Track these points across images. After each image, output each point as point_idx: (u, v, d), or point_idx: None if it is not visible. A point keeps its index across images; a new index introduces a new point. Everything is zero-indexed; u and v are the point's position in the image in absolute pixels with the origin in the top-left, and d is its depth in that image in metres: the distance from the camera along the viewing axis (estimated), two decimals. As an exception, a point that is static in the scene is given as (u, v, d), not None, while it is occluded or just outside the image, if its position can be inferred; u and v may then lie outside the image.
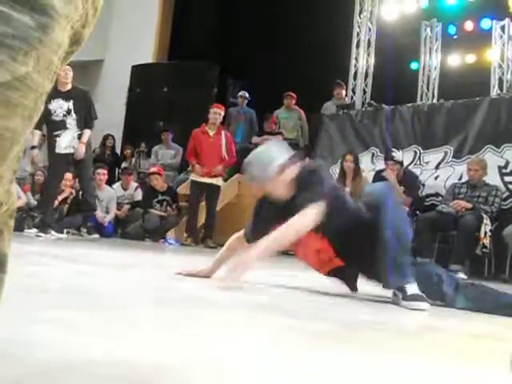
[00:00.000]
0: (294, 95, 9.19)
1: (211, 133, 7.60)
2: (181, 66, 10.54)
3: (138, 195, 8.48)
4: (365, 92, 8.77)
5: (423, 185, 6.93)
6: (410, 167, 7.02)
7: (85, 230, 7.23)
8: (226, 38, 11.05)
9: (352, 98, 8.81)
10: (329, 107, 8.90)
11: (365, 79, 8.81)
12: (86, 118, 6.58)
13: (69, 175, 7.32)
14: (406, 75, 9.48)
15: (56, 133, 6.38)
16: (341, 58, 9.00)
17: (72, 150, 6.41)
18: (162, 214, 7.98)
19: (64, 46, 0.60)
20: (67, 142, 6.41)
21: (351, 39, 8.89)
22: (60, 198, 7.31)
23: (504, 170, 6.47)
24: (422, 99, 8.79)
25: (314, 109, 9.18)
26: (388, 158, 6.74)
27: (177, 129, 8.07)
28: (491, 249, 5.84)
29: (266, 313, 2.07)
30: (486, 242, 5.77)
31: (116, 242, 7.05)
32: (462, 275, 5.59)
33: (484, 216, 5.84)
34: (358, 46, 8.85)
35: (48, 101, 6.52)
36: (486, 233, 5.79)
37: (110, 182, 8.40)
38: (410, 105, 7.75)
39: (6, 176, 0.57)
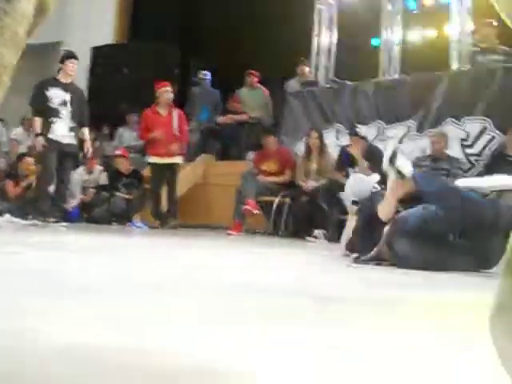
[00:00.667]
0: (256, 73, 9.12)
1: (163, 112, 7.49)
2: (142, 47, 10.36)
3: (103, 179, 8.37)
4: (328, 69, 8.77)
5: (387, 159, 6.99)
6: (373, 142, 7.08)
7: (53, 220, 7.05)
8: (186, 18, 10.90)
9: (315, 75, 8.81)
10: (292, 85, 8.88)
11: (327, 56, 8.80)
12: (83, 115, 6.75)
13: (30, 160, 7.21)
14: (368, 51, 9.50)
15: (50, 119, 6.45)
16: (303, 34, 8.97)
17: (63, 140, 6.47)
18: (128, 197, 7.90)
19: (29, 16, 0.58)
20: (61, 130, 6.47)
21: (313, 16, 8.86)
22: (24, 184, 7.19)
23: (465, 143, 6.58)
24: (384, 75, 8.82)
25: (278, 87, 9.15)
26: (352, 133, 6.79)
27: (140, 111, 7.95)
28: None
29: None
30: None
31: (82, 227, 6.96)
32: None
33: (447, 188, 5.95)
34: (319, 22, 8.83)
35: (45, 88, 6.49)
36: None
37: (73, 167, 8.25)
38: (372, 80, 7.80)
39: None
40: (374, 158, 6.71)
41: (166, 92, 7.48)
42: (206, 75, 9.45)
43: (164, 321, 1.39)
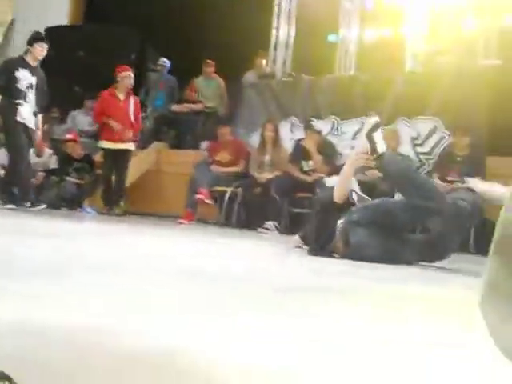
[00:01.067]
0: (213, 63, 9.06)
1: (121, 97, 7.38)
2: (99, 31, 10.14)
3: (53, 162, 8.18)
4: (285, 62, 8.82)
5: (340, 154, 7.10)
6: (328, 137, 7.17)
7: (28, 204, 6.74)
8: (144, 3, 10.73)
9: (273, 67, 8.83)
10: (249, 77, 8.89)
11: (285, 49, 8.85)
12: (42, 101, 6.54)
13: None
14: (325, 47, 9.58)
15: (17, 101, 6.20)
16: (261, 27, 8.98)
17: (28, 124, 6.27)
18: (79, 181, 7.76)
19: None
20: (26, 113, 6.25)
21: (271, 8, 8.88)
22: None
23: (416, 141, 6.74)
24: (339, 71, 8.91)
25: (235, 77, 9.13)
26: (307, 127, 6.86)
27: (95, 95, 7.79)
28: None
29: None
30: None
31: (31, 211, 6.78)
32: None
33: (397, 185, 6.08)
34: (278, 15, 8.86)
35: (16, 68, 6.21)
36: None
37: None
38: (329, 76, 7.88)
39: None
40: (327, 152, 6.82)
41: (127, 77, 7.36)
42: (166, 63, 9.33)
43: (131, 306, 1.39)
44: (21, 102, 6.22)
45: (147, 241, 3.95)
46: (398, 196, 4.07)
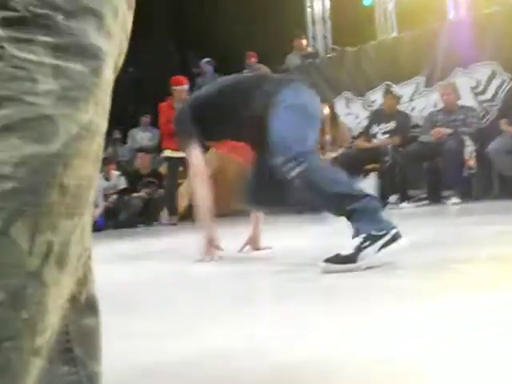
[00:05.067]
0: (254, 53, 9.08)
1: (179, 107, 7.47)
2: (141, 44, 10.33)
3: (122, 183, 8.44)
4: (325, 38, 8.73)
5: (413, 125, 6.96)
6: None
7: None
8: (178, 9, 10.84)
9: (314, 45, 8.76)
10: (292, 59, 8.83)
11: (323, 25, 8.75)
12: None
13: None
14: (362, 12, 9.41)
15: None
16: (295, 6, 8.91)
17: None
18: (146, 196, 7.96)
19: (112, 82, 0.62)
20: None
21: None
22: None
23: (476, 90, 6.55)
24: (381, 34, 8.74)
25: (278, 63, 9.11)
26: (387, 91, 6.81)
27: (149, 111, 7.99)
28: (477, 169, 5.97)
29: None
30: (472, 163, 5.90)
31: (112, 234, 7.02)
32: (454, 200, 5.73)
33: (465, 138, 5.94)
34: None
35: None
36: (469, 154, 5.91)
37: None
38: (372, 43, 7.75)
39: (87, 222, 0.59)
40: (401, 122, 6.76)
41: (183, 91, 7.44)
42: (209, 62, 9.36)
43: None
44: None
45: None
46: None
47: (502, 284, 1.62)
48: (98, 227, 7.60)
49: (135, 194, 7.94)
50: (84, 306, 0.65)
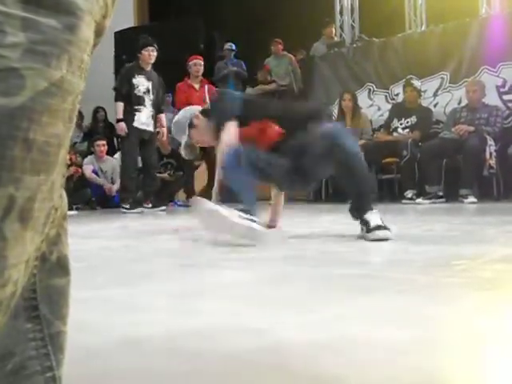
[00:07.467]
0: (280, 41, 9.04)
1: (196, 86, 7.48)
2: (164, 26, 10.31)
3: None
4: (353, 27, 8.63)
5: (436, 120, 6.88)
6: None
7: (149, 205, 7.11)
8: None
9: (341, 35, 8.67)
10: (318, 48, 8.77)
11: (351, 14, 8.65)
12: (160, 102, 6.87)
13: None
14: (392, 3, 9.27)
15: (136, 107, 6.53)
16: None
17: (146, 128, 6.58)
18: (165, 177, 7.96)
19: (91, 42, 0.59)
20: (145, 118, 6.57)
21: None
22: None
23: (502, 89, 6.44)
24: (410, 28, 8.62)
25: (305, 51, 9.06)
26: (408, 84, 6.74)
27: (171, 91, 7.94)
28: (498, 169, 5.88)
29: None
30: (492, 162, 5.81)
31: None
32: (472, 199, 5.65)
33: (487, 137, 5.86)
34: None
35: (133, 75, 6.52)
36: (491, 153, 5.82)
37: (109, 154, 8.31)
38: (400, 35, 7.64)
39: (57, 181, 0.57)
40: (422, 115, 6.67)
41: (195, 65, 7.46)
42: (232, 46, 9.35)
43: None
44: (139, 107, 6.52)
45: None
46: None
47: (502, 284, 1.59)
48: (113, 204, 7.65)
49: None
50: (55, 265, 0.64)
